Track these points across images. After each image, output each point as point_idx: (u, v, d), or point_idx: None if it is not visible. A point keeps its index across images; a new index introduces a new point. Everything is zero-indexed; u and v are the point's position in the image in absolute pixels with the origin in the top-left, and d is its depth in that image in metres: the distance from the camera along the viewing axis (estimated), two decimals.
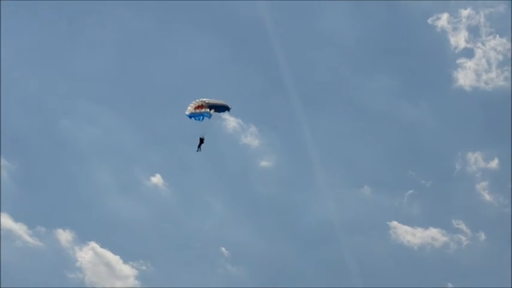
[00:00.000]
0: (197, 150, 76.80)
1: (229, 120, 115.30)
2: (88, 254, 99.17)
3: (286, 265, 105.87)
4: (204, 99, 71.98)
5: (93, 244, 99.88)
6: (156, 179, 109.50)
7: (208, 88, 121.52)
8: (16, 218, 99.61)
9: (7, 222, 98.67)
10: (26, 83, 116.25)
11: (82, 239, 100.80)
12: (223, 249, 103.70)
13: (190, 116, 71.71)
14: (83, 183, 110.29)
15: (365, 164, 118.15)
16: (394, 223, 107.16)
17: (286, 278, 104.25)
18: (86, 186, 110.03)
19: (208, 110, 71.34)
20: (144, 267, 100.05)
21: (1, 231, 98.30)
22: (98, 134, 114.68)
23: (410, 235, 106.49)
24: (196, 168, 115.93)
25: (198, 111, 71.21)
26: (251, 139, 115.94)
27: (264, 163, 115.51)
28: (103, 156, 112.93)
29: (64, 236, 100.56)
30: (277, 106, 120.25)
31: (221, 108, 73.57)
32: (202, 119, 71.96)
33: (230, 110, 74.49)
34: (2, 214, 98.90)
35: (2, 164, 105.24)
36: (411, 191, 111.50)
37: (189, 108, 71.22)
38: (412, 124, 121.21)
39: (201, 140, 76.17)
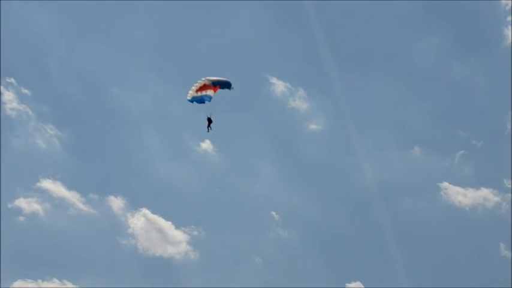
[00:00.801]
0: (207, 131, 75.26)
1: (277, 84, 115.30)
2: (140, 221, 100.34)
3: (337, 228, 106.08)
4: (208, 77, 70.40)
5: (144, 210, 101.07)
6: (206, 145, 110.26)
7: (256, 53, 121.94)
8: (69, 186, 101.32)
9: (60, 190, 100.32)
10: (75, 52, 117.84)
11: (134, 205, 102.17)
12: (273, 213, 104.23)
13: (192, 100, 70.00)
14: (134, 151, 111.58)
15: (415, 125, 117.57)
16: (445, 184, 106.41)
17: (337, 241, 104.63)
18: (137, 153, 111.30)
19: (211, 90, 69.53)
20: (195, 233, 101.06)
21: (55, 200, 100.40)
22: (147, 101, 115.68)
23: (462, 196, 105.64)
24: (245, 133, 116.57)
25: (199, 94, 69.58)
26: (299, 102, 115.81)
27: (312, 126, 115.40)
28: (153, 124, 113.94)
29: (116, 203, 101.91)
30: (325, 69, 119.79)
31: (225, 84, 71.57)
32: (203, 101, 70.18)
33: (231, 89, 72.26)
34: (55, 183, 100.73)
35: (54, 133, 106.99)
36: (462, 151, 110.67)
37: (190, 92, 69.60)
38: (463, 83, 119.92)
39: (209, 120, 74.53)
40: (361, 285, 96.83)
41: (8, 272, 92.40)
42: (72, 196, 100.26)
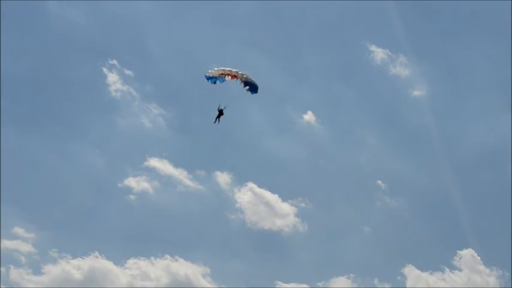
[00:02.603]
0: (214, 122, 70.74)
1: (376, 52, 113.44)
2: (247, 195, 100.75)
3: (446, 194, 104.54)
4: (244, 74, 67.44)
5: (251, 184, 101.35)
6: (308, 117, 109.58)
7: (353, 22, 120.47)
8: (176, 164, 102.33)
9: (167, 168, 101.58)
10: (174, 31, 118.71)
11: (240, 180, 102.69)
12: (379, 182, 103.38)
13: (208, 77, 66.51)
14: (237, 126, 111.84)
15: None
16: None
17: (446, 208, 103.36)
18: (240, 128, 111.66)
19: (232, 77, 66.25)
20: (303, 204, 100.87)
21: (163, 178, 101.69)
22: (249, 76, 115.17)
23: None
24: (347, 103, 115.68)
25: (217, 75, 65.99)
26: (400, 69, 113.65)
27: (416, 92, 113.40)
28: (255, 98, 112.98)
29: (223, 178, 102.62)
30: (425, 32, 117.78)
31: (253, 87, 68.62)
32: (215, 82, 66.55)
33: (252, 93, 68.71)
34: (162, 161, 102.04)
35: (158, 112, 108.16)
36: None
37: (212, 71, 65.90)
38: None
39: (220, 112, 70.23)
40: (474, 253, 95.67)
41: (122, 251, 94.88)
42: (179, 173, 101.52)
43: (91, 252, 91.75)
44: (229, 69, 66.89)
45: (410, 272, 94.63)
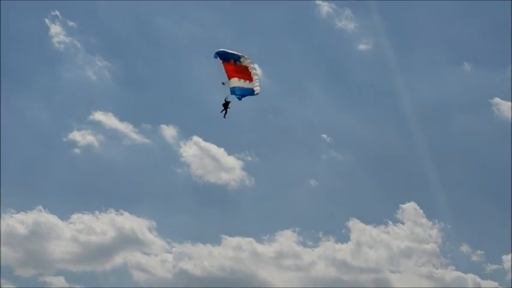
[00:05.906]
0: (221, 112, 62.25)
1: (322, 6, 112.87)
2: (192, 149, 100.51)
3: (390, 148, 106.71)
4: (257, 82, 59.80)
5: (196, 138, 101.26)
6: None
7: None
8: (121, 118, 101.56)
9: (112, 121, 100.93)
10: None
11: (185, 134, 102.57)
12: (324, 136, 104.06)
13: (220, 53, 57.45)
14: (183, 79, 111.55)
15: (464, 41, 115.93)
16: (497, 100, 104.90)
17: (390, 162, 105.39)
18: (186, 82, 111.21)
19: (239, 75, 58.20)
20: (249, 158, 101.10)
21: (108, 132, 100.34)
22: (193, 29, 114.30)
23: None
24: (293, 57, 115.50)
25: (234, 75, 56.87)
26: (346, 22, 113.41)
27: (362, 46, 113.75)
28: (200, 52, 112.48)
29: (168, 131, 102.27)
30: None
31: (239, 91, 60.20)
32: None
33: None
34: (107, 114, 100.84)
35: (103, 65, 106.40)
36: None
37: (229, 53, 57.24)
38: None
39: (226, 104, 61.36)
40: (416, 206, 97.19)
41: (66, 205, 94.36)
42: (124, 127, 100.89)
43: (35, 206, 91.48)
44: (251, 66, 59.76)
45: (355, 225, 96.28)
